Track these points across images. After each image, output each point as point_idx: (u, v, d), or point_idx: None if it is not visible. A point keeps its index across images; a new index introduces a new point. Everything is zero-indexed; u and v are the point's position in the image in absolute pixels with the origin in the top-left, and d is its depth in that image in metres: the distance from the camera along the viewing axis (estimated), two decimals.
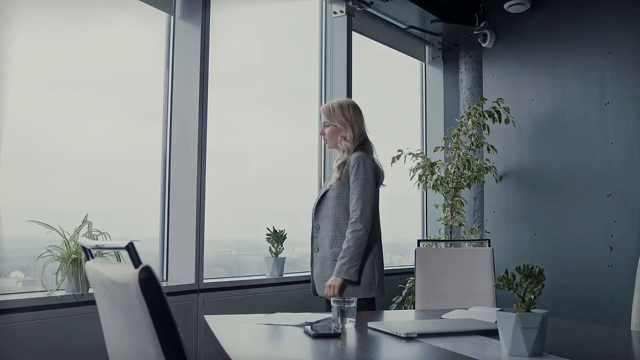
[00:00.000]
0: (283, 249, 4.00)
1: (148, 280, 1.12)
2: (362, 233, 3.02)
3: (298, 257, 4.54)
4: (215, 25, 3.75)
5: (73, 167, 3.28)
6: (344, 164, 3.16)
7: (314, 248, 3.21)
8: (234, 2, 4.17)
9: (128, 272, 1.13)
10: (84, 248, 1.47)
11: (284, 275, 3.99)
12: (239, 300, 3.66)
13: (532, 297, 1.65)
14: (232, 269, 4.21)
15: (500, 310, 1.69)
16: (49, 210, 3.09)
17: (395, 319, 2.58)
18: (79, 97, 3.31)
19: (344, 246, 3.02)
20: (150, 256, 3.60)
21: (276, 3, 4.55)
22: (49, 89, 3.18)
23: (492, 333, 1.91)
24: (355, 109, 3.25)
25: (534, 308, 1.66)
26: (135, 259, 1.14)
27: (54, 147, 3.21)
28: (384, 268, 3.19)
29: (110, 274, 1.24)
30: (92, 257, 1.49)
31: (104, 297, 1.35)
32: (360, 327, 2.13)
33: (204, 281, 3.52)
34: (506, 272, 1.65)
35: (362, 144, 3.21)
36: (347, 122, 3.19)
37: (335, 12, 4.79)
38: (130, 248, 1.15)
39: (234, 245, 4.33)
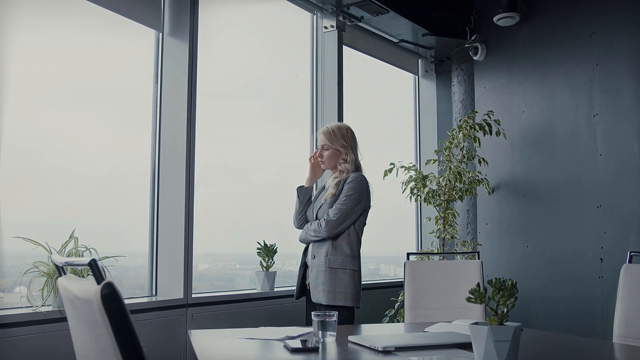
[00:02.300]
0: (274, 263, 4.01)
1: (110, 296, 1.14)
2: (322, 233, 3.27)
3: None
4: (205, 41, 3.79)
5: (63, 181, 3.30)
6: (341, 182, 3.34)
7: (310, 255, 3.37)
8: (223, 19, 4.21)
9: (91, 289, 1.15)
10: (56, 265, 1.48)
11: (275, 289, 4.00)
12: (228, 314, 3.66)
13: (505, 310, 1.66)
14: (235, 283, 4.24)
15: (474, 323, 1.70)
16: (40, 224, 3.12)
17: (377, 332, 2.59)
18: (68, 111, 3.34)
19: (311, 226, 3.34)
20: (139, 270, 3.61)
21: (266, 18, 4.59)
22: (36, 103, 3.21)
23: (471, 346, 1.91)
24: (353, 134, 3.46)
25: (507, 321, 1.67)
26: (98, 275, 1.15)
27: (43, 161, 3.23)
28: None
29: (76, 290, 1.25)
30: (65, 274, 1.50)
31: (72, 313, 1.37)
32: (341, 341, 2.14)
33: (193, 295, 3.52)
34: (478, 285, 1.66)
35: (357, 168, 3.42)
36: (347, 146, 3.39)
37: (326, 27, 4.83)
38: (93, 264, 1.16)
39: (237, 258, 4.34)
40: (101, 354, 1.20)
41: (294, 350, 1.94)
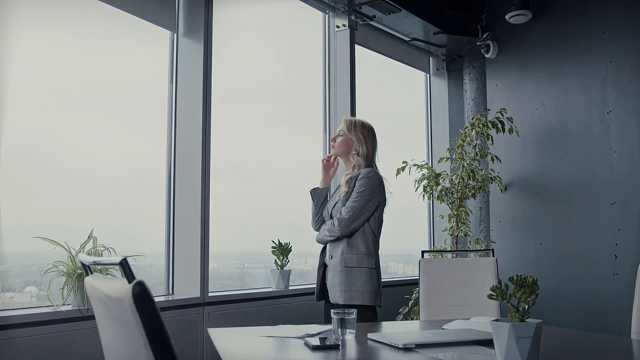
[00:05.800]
0: (288, 261, 4.03)
1: (141, 295, 1.15)
2: (336, 232, 3.25)
3: (311, 268, 4.56)
4: (219, 41, 3.80)
5: (79, 183, 3.33)
6: (352, 179, 3.30)
7: (327, 255, 3.36)
8: (237, 19, 4.23)
9: (122, 287, 1.17)
10: (82, 264, 1.50)
11: (290, 288, 4.02)
12: (244, 313, 3.68)
13: (526, 306, 1.67)
14: (245, 281, 4.26)
15: (494, 320, 1.71)
16: (57, 226, 3.15)
17: (395, 329, 2.60)
18: (85, 114, 3.36)
19: (326, 226, 3.32)
20: (156, 270, 3.64)
21: (279, 18, 4.60)
22: (53, 106, 3.24)
23: (490, 343, 1.92)
24: (373, 133, 3.44)
25: (528, 317, 1.67)
26: (129, 274, 1.17)
27: (60, 164, 3.26)
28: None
29: (106, 289, 1.27)
30: (91, 273, 1.52)
31: (101, 312, 1.39)
32: (360, 338, 2.15)
33: (209, 294, 3.55)
34: (499, 282, 1.67)
35: (369, 165, 3.37)
36: (363, 139, 3.37)
37: (338, 26, 4.84)
38: (124, 264, 1.18)
39: (250, 257, 4.37)
40: (132, 351, 1.22)
41: (315, 348, 1.95)
